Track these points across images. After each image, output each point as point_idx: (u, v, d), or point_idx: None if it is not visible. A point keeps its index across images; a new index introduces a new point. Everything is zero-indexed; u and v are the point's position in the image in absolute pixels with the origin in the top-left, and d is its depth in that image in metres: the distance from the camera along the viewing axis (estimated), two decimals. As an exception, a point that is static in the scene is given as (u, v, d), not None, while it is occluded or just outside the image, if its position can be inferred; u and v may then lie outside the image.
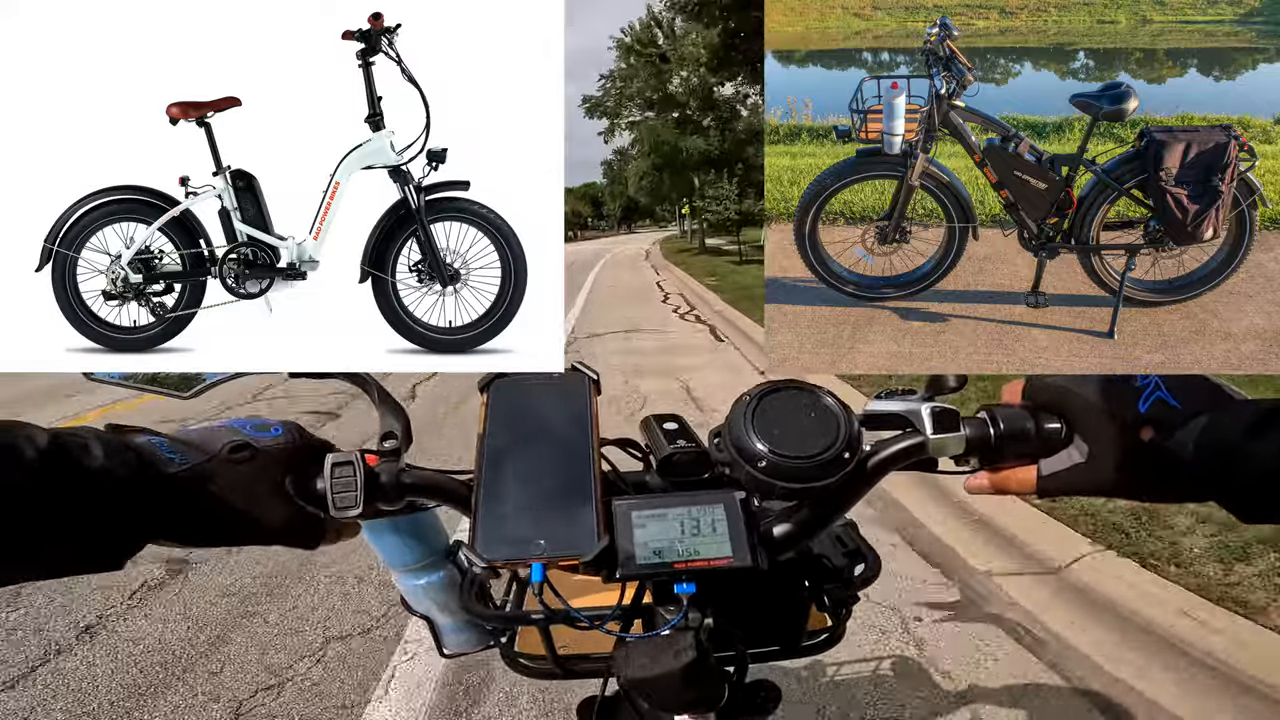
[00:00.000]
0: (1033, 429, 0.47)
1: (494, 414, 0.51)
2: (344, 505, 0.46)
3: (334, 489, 0.46)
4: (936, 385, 0.49)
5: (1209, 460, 0.40)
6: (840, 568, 0.57)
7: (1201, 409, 0.42)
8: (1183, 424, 0.42)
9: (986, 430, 0.48)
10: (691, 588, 0.46)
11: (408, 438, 0.53)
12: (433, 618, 0.61)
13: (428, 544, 0.58)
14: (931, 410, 0.48)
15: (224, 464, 0.45)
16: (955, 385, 0.49)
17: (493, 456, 0.48)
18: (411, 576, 0.59)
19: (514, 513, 0.45)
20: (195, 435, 0.47)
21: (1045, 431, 0.47)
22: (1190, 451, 0.41)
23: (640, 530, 0.46)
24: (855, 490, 0.50)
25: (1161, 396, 0.43)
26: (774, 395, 0.49)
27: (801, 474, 0.46)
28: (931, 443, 0.48)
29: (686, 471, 0.50)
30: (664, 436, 0.51)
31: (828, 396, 0.49)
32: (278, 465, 0.47)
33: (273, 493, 0.46)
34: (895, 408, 0.50)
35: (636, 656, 0.45)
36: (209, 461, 0.45)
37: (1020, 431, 0.48)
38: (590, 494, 0.46)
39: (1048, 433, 0.47)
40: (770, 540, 0.49)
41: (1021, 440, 0.48)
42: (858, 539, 0.59)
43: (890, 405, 0.50)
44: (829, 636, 0.59)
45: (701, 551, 0.46)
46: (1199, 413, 0.42)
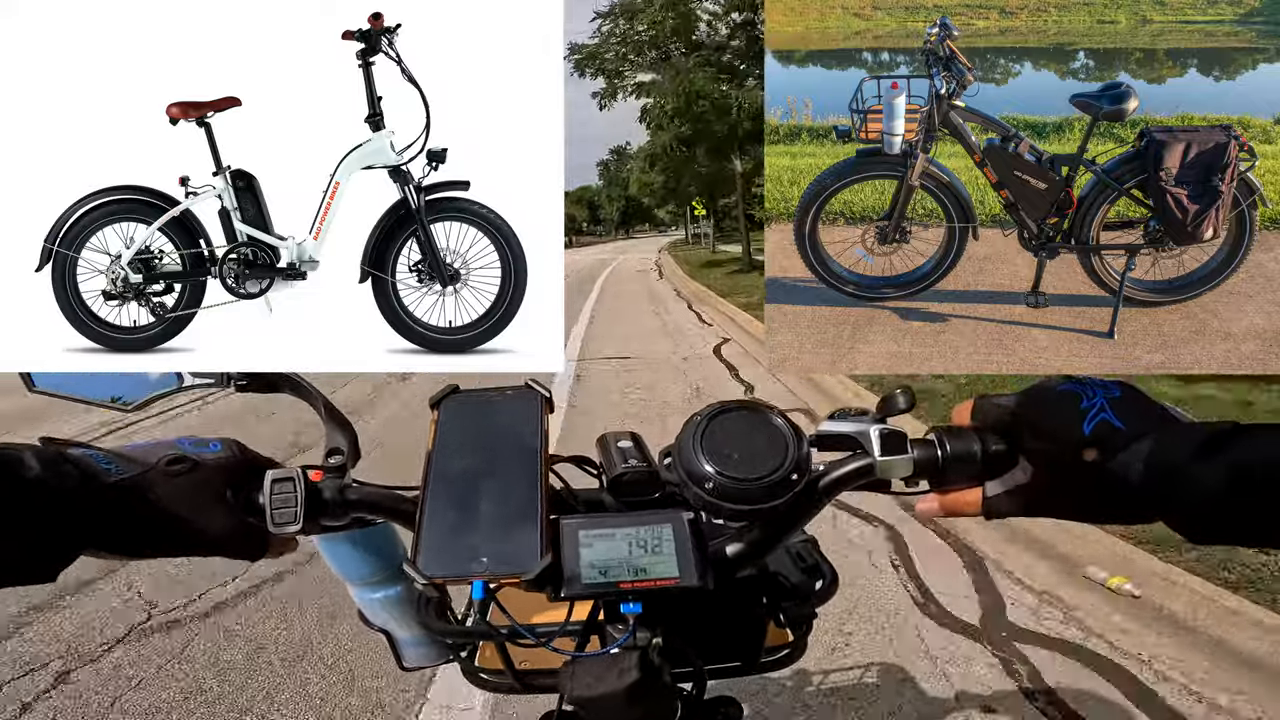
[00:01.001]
0: (979, 450, 0.48)
1: (443, 430, 0.51)
2: (283, 521, 0.47)
3: (273, 505, 0.46)
4: (887, 406, 0.50)
5: (1153, 482, 0.40)
6: (798, 584, 0.57)
7: (1146, 430, 0.42)
8: (1126, 445, 0.42)
9: (934, 452, 0.48)
10: (638, 608, 0.46)
11: (354, 454, 0.53)
12: (391, 631, 0.61)
13: (383, 558, 0.58)
14: (880, 432, 0.49)
15: (161, 476, 0.45)
16: (905, 406, 0.49)
17: (439, 472, 0.48)
18: (368, 590, 0.58)
19: (457, 529, 0.45)
20: (132, 450, 0.46)
21: (991, 453, 0.48)
22: (1134, 473, 0.41)
23: (587, 549, 0.47)
24: (804, 511, 0.50)
25: (1106, 418, 0.43)
26: (724, 416, 0.49)
27: (749, 495, 0.46)
28: (879, 464, 0.49)
29: (636, 491, 0.50)
30: (617, 455, 0.51)
31: (778, 418, 0.50)
32: (217, 478, 0.47)
33: (212, 505, 0.46)
34: (845, 429, 0.50)
35: (583, 675, 0.46)
36: (146, 473, 0.45)
37: (966, 453, 0.48)
38: (536, 512, 0.46)
39: (994, 454, 0.47)
40: (720, 560, 0.50)
41: (968, 462, 0.48)
42: (817, 555, 0.60)
43: (841, 426, 0.50)
44: (790, 652, 0.59)
45: (649, 571, 0.46)
46: (1143, 434, 0.42)
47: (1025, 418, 0.46)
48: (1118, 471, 0.42)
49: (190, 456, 0.46)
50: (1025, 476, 0.46)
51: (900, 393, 0.50)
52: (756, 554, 0.51)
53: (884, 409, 0.50)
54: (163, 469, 0.45)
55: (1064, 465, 0.44)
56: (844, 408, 0.52)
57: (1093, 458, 0.43)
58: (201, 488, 0.46)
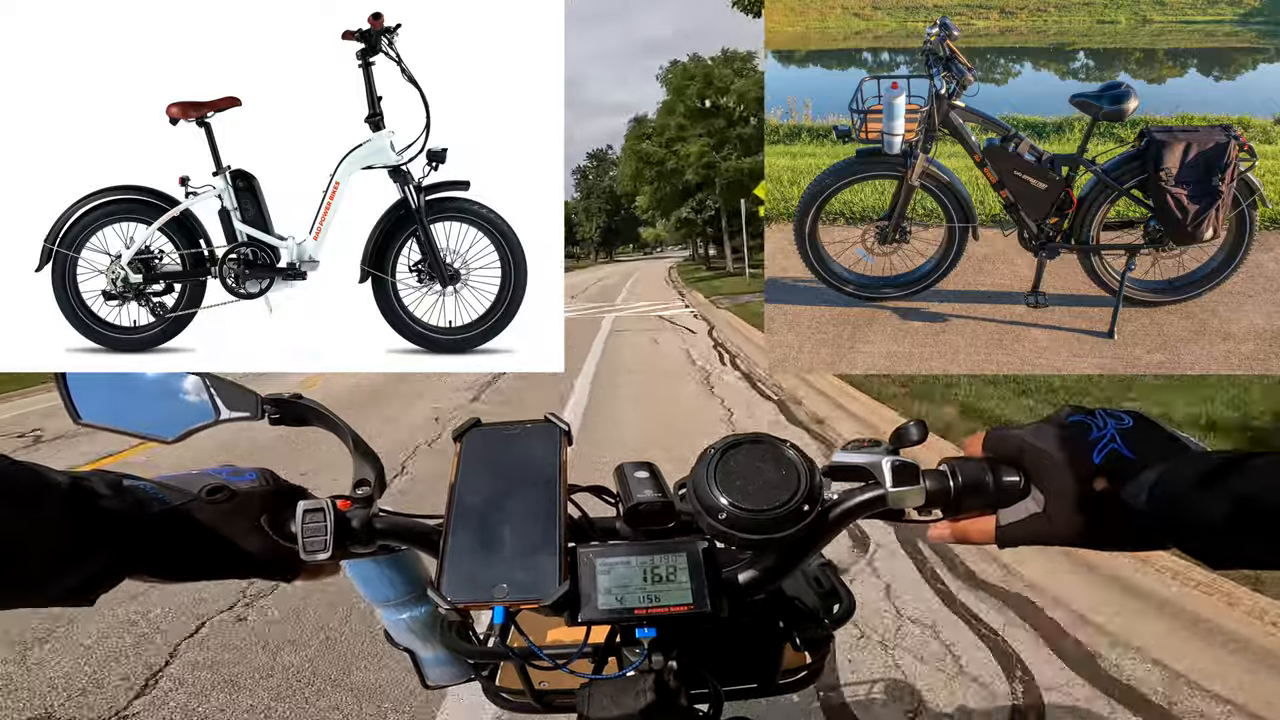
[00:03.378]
0: (991, 481, 0.49)
1: (466, 461, 0.53)
2: (313, 549, 0.49)
3: (304, 534, 0.49)
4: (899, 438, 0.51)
5: (1164, 510, 0.41)
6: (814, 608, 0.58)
7: (1156, 459, 0.43)
8: (1136, 475, 0.43)
9: (946, 483, 0.49)
10: (652, 632, 0.47)
11: (380, 484, 0.55)
12: (415, 651, 0.63)
13: (409, 580, 0.59)
14: (892, 464, 0.50)
15: (203, 504, 0.48)
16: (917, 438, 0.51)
17: (462, 502, 0.50)
18: (394, 611, 0.60)
19: (479, 557, 0.47)
20: (174, 479, 0.50)
21: (1003, 484, 0.49)
22: (1144, 501, 0.42)
23: (604, 576, 0.48)
24: (816, 539, 0.52)
25: (1116, 448, 0.44)
26: (737, 449, 0.51)
27: (761, 526, 0.48)
28: (891, 495, 0.49)
29: (652, 521, 0.51)
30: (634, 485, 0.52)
31: (790, 450, 0.51)
32: (253, 506, 0.50)
33: (248, 531, 0.49)
34: (858, 460, 0.51)
35: (599, 697, 0.47)
36: (189, 502, 0.48)
37: (979, 484, 0.49)
38: (554, 540, 0.48)
39: (1006, 485, 0.48)
40: (734, 587, 0.51)
41: (980, 492, 0.49)
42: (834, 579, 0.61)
43: (854, 457, 0.52)
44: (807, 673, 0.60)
45: (662, 598, 0.48)
46: (1153, 463, 0.43)
47: (1036, 449, 0.47)
48: (1129, 500, 0.43)
49: (229, 486, 0.49)
50: (1037, 506, 0.47)
51: (913, 425, 0.51)
52: (770, 581, 0.52)
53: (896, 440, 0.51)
54: (204, 498, 0.48)
55: (1075, 495, 0.45)
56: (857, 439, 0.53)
57: (1103, 487, 0.44)
58: (239, 515, 0.49)
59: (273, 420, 0.59)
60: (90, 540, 0.42)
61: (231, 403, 0.59)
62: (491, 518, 0.49)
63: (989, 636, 1.93)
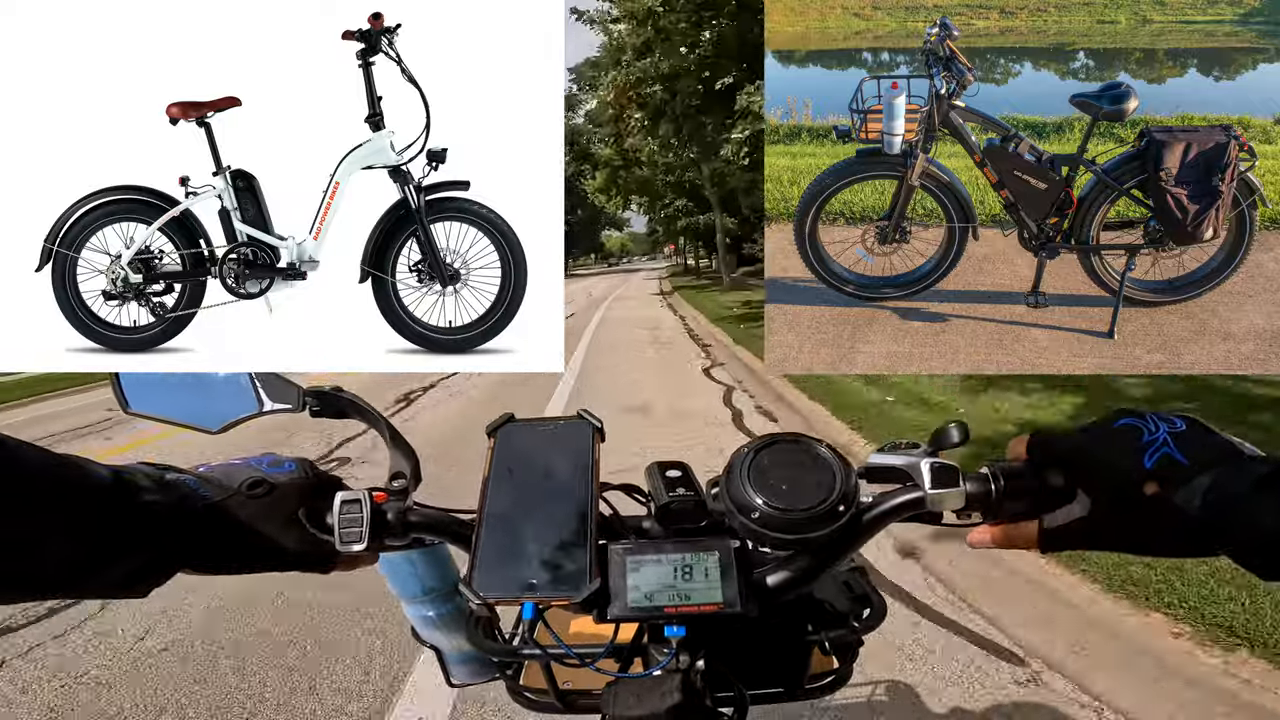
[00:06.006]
0: (1035, 485, 0.48)
1: (499, 457, 0.52)
2: (349, 540, 0.49)
3: (341, 525, 0.49)
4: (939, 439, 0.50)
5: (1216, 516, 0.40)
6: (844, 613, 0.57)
7: (1209, 464, 0.42)
8: (1189, 480, 0.41)
9: (988, 486, 0.48)
10: (681, 631, 0.47)
11: (416, 477, 0.55)
12: (440, 648, 0.63)
13: (438, 577, 0.60)
14: (931, 465, 0.49)
15: (244, 500, 0.48)
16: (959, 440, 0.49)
17: (494, 498, 0.50)
18: (421, 607, 0.60)
19: (511, 553, 0.47)
20: (216, 473, 0.50)
21: (1048, 488, 0.47)
22: (1196, 507, 0.40)
23: (634, 574, 0.48)
24: (851, 541, 0.51)
25: (1168, 452, 0.43)
26: (771, 448, 0.50)
27: (794, 526, 0.47)
28: (930, 497, 0.48)
29: (683, 519, 0.51)
30: (665, 484, 0.52)
31: (825, 449, 0.50)
32: (291, 499, 0.50)
33: (287, 525, 0.50)
34: (896, 461, 0.50)
35: (625, 696, 0.46)
36: (231, 497, 0.48)
37: (1022, 487, 0.48)
38: (586, 538, 0.47)
39: (1050, 489, 0.47)
40: (765, 588, 0.50)
41: (1023, 496, 0.48)
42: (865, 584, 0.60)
43: (891, 459, 0.51)
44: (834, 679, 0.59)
45: (693, 597, 0.47)
46: (1207, 468, 0.41)
47: (1085, 452, 0.46)
48: (1180, 505, 0.41)
49: (268, 479, 0.50)
50: (1083, 510, 0.46)
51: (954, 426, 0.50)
52: (802, 582, 0.51)
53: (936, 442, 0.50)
54: (245, 493, 0.49)
55: (1124, 500, 0.44)
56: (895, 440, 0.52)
57: (1154, 492, 0.43)
58: (277, 509, 0.49)
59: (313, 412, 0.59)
60: (134, 534, 0.42)
61: (274, 394, 0.60)
62: (523, 514, 0.49)
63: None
